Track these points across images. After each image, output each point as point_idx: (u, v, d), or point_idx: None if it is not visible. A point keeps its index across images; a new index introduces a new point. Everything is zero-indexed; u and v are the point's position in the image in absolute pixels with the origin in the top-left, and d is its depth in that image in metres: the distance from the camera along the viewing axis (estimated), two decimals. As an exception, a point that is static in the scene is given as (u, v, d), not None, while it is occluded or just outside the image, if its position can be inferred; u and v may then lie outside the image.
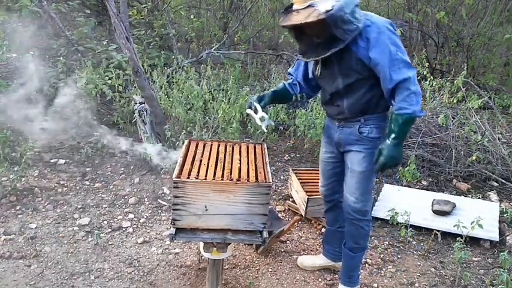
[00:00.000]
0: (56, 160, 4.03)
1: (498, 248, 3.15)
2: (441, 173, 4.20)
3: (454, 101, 4.53)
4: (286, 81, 2.54)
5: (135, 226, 3.18)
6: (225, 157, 2.32)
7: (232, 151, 2.41)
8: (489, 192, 3.93)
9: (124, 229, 3.13)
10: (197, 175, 2.09)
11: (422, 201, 3.56)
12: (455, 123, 4.49)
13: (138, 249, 2.92)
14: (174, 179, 2.03)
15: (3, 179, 3.52)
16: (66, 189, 3.59)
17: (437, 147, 4.54)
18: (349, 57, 2.11)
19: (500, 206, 3.59)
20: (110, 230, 3.11)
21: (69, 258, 2.78)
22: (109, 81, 4.64)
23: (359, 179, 2.29)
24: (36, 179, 3.69)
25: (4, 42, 4.75)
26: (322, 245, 2.89)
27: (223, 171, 2.15)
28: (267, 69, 6.39)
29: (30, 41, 4.81)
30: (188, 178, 2.05)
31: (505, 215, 3.39)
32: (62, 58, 4.90)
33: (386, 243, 3.17)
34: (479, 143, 4.16)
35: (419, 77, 4.62)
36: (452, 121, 4.46)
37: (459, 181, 4.11)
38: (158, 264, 2.79)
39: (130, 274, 2.69)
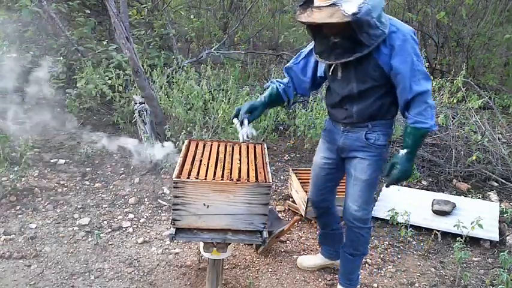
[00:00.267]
0: (56, 160, 4.03)
1: (498, 248, 3.15)
2: (441, 173, 4.20)
3: (454, 101, 4.52)
4: (280, 81, 2.38)
5: (135, 226, 3.18)
6: (225, 157, 2.32)
7: (232, 151, 2.41)
8: (489, 192, 3.93)
9: (124, 229, 3.13)
10: (197, 175, 2.09)
11: (422, 201, 3.56)
12: (455, 123, 4.49)
13: (138, 249, 2.92)
14: (174, 179, 2.02)
15: (3, 179, 3.52)
16: (66, 189, 3.59)
17: (437, 147, 4.55)
18: (368, 63, 2.01)
19: (500, 206, 3.59)
20: (110, 230, 3.11)
21: (69, 258, 2.78)
22: (109, 81, 4.64)
23: (362, 187, 2.22)
24: (36, 179, 3.69)
25: (4, 42, 4.76)
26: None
27: (223, 171, 2.15)
28: (267, 69, 6.39)
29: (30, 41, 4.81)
30: (188, 178, 2.05)
31: (505, 215, 3.40)
32: (62, 58, 4.90)
33: (386, 243, 3.17)
34: (479, 143, 4.16)
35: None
36: (452, 121, 4.46)
37: (459, 181, 4.11)
38: (158, 264, 2.79)
39: (130, 274, 2.69)
